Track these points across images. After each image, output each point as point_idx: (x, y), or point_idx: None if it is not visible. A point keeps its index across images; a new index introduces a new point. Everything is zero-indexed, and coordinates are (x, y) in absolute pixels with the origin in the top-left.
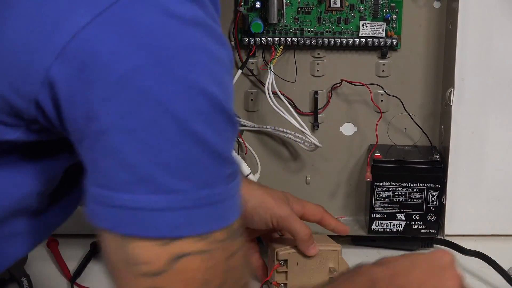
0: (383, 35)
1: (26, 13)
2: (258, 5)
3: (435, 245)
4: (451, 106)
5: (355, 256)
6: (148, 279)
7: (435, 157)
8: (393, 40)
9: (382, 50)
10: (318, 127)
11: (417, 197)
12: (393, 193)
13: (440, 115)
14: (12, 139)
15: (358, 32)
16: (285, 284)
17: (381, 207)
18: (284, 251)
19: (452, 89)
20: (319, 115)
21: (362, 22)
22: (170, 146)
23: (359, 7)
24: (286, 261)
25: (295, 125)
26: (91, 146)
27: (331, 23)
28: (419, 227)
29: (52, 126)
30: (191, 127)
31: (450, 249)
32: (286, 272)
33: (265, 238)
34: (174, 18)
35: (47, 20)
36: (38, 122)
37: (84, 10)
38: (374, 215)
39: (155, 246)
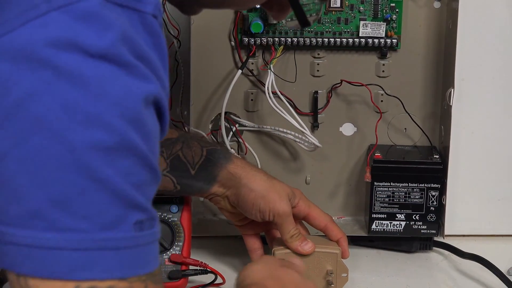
0: (383, 35)
1: None
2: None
3: (434, 247)
4: (451, 106)
5: (355, 257)
6: None
7: (435, 157)
8: (393, 40)
9: (382, 50)
10: (318, 127)
11: (417, 197)
12: (393, 193)
13: (440, 115)
14: None
15: (358, 32)
16: None
17: (381, 207)
18: (281, 251)
19: (452, 89)
20: (319, 115)
21: (362, 22)
22: (64, 182)
23: (359, 7)
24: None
25: (295, 125)
26: None
27: (331, 23)
28: (419, 227)
29: None
30: (88, 164)
31: (448, 251)
32: None
33: (268, 236)
34: (82, 51)
35: None
36: None
37: None
38: (374, 215)
39: (55, 284)
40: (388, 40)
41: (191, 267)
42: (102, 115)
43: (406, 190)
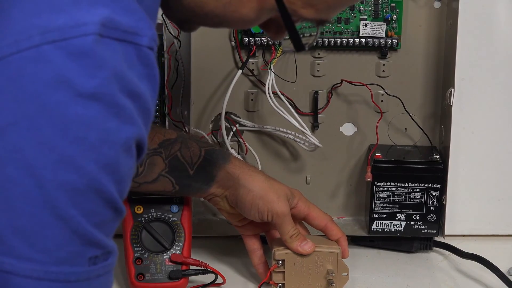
0: (383, 35)
1: None
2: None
3: (434, 247)
4: (451, 106)
5: (355, 257)
6: None
7: (435, 157)
8: (393, 40)
9: (382, 50)
10: (318, 127)
11: (417, 197)
12: (393, 193)
13: (440, 115)
14: None
15: (358, 32)
16: (283, 284)
17: (381, 207)
18: (281, 251)
19: (452, 89)
20: (319, 115)
21: (362, 22)
22: (29, 214)
23: (359, 7)
24: (283, 261)
25: (295, 125)
26: None
27: (331, 23)
28: (419, 227)
29: None
30: (54, 201)
31: (448, 251)
32: (283, 272)
33: (268, 237)
34: (70, 89)
35: None
36: None
37: None
38: (374, 215)
39: None
40: (388, 40)
41: (191, 267)
42: (76, 158)
43: (406, 190)
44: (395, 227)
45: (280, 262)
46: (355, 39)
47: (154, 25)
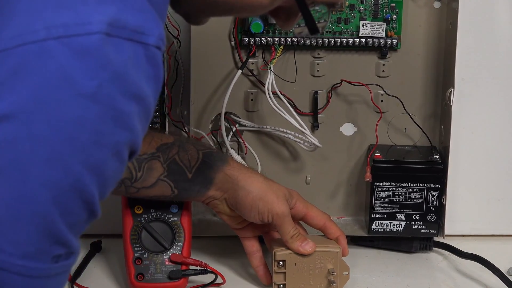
0: (383, 35)
1: None
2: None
3: (434, 247)
4: (451, 106)
5: (355, 257)
6: None
7: (435, 157)
8: (393, 40)
9: (382, 50)
10: (318, 127)
11: (417, 197)
12: (393, 193)
13: (440, 115)
14: None
15: (358, 32)
16: (284, 285)
17: (381, 207)
18: (281, 252)
19: (452, 89)
20: (319, 115)
21: (362, 22)
22: (7, 204)
23: (359, 7)
24: (284, 261)
25: (295, 125)
26: None
27: (331, 23)
28: (419, 227)
29: None
30: (36, 197)
31: (448, 251)
32: (284, 272)
33: (266, 238)
34: (70, 87)
35: None
36: None
37: None
38: (374, 215)
39: None
40: (388, 40)
41: (191, 267)
42: (65, 157)
43: (406, 190)
44: (395, 227)
45: (281, 262)
46: (355, 39)
47: (163, 22)
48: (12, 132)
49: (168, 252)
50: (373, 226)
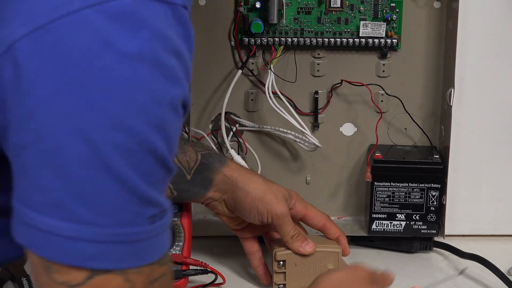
0: (383, 35)
1: None
2: (258, 5)
3: (434, 247)
4: (451, 106)
5: (355, 257)
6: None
7: (435, 157)
8: (393, 40)
9: (382, 50)
10: (318, 127)
11: (417, 197)
12: (393, 193)
13: (440, 115)
14: None
15: (358, 32)
16: (284, 285)
17: (381, 207)
18: (282, 252)
19: (452, 89)
20: (319, 115)
21: (362, 22)
22: (87, 178)
23: (359, 7)
24: (284, 261)
25: (295, 125)
26: (13, 158)
27: (331, 23)
28: (419, 227)
29: None
30: (110, 164)
31: (448, 251)
32: (284, 272)
33: (266, 238)
34: (115, 51)
35: None
36: None
37: (22, 22)
38: (374, 215)
39: (69, 269)
40: (388, 40)
41: (191, 267)
42: (127, 120)
43: (406, 190)
44: (395, 227)
45: (281, 262)
46: (355, 39)
47: None
48: (67, 106)
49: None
50: (373, 226)
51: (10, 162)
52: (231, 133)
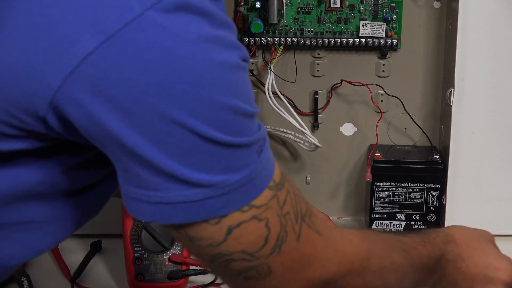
0: (383, 35)
1: (24, 36)
2: (258, 5)
3: None
4: (451, 106)
5: None
6: (213, 248)
7: (435, 157)
8: (393, 40)
9: (382, 50)
10: (318, 127)
11: (417, 197)
12: (393, 193)
13: (440, 115)
14: (22, 148)
15: (358, 32)
16: None
17: (381, 207)
18: None
19: (452, 89)
20: (319, 115)
21: (362, 22)
22: (196, 152)
23: (359, 7)
24: None
25: (295, 125)
26: (117, 157)
27: (331, 23)
28: (419, 227)
29: (62, 136)
30: (212, 136)
31: None
32: None
33: None
34: (182, 41)
35: (49, 46)
36: (47, 134)
37: (90, 35)
38: (374, 215)
39: (207, 225)
40: (388, 40)
41: (191, 267)
42: (213, 98)
43: (406, 190)
44: (395, 227)
45: None
46: (355, 39)
47: None
48: (162, 103)
49: (168, 252)
50: (373, 226)
51: (108, 157)
52: None
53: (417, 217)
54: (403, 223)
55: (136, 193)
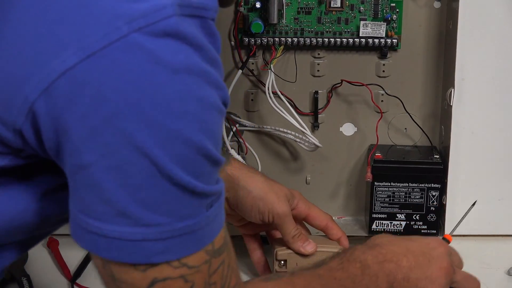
0: (383, 35)
1: (13, 45)
2: (258, 5)
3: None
4: (451, 106)
5: None
6: None
7: (435, 157)
8: (393, 40)
9: (382, 50)
10: (318, 127)
11: (417, 197)
12: (393, 193)
13: (440, 115)
14: (1, 165)
15: (358, 32)
16: None
17: (382, 207)
18: (283, 251)
19: (452, 89)
20: (319, 115)
21: (362, 22)
22: (149, 187)
23: (359, 7)
24: (285, 261)
25: (295, 125)
26: (72, 175)
27: (331, 23)
28: (420, 227)
29: (37, 153)
30: (170, 172)
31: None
32: (286, 272)
33: (269, 236)
34: (165, 68)
35: (32, 57)
36: (24, 150)
37: (73, 50)
38: (374, 215)
39: (134, 270)
40: (388, 40)
41: None
42: (184, 132)
43: (406, 190)
44: (395, 227)
45: (282, 262)
46: (355, 39)
47: None
48: (126, 126)
49: None
50: (374, 226)
51: (67, 177)
52: (231, 133)
53: (417, 217)
54: (403, 223)
55: (77, 217)
